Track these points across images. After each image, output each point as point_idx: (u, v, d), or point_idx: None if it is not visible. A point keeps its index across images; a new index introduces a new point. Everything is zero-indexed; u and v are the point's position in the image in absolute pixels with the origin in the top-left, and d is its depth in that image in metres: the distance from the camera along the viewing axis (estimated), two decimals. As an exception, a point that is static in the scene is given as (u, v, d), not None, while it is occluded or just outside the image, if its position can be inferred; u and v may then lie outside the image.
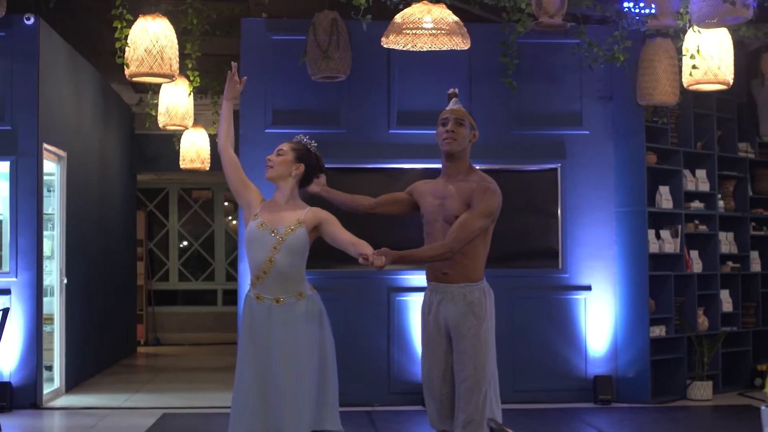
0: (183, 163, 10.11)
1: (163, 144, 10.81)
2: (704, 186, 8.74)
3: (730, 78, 6.62)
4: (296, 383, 4.16)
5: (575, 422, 7.42)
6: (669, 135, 8.46)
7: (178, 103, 8.78)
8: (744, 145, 9.23)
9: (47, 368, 8.31)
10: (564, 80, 8.31)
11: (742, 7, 5.29)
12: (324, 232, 4.29)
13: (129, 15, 6.77)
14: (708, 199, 8.79)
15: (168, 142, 10.40)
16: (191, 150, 10.06)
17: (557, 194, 8.25)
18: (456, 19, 5.98)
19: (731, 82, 6.69)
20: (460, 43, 6.00)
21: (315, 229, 4.29)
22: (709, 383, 8.32)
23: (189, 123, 9.01)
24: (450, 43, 6.01)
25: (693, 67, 6.51)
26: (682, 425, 7.45)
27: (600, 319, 8.23)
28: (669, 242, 8.37)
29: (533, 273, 8.22)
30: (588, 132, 8.32)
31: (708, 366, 8.39)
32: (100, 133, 10.28)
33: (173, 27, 6.79)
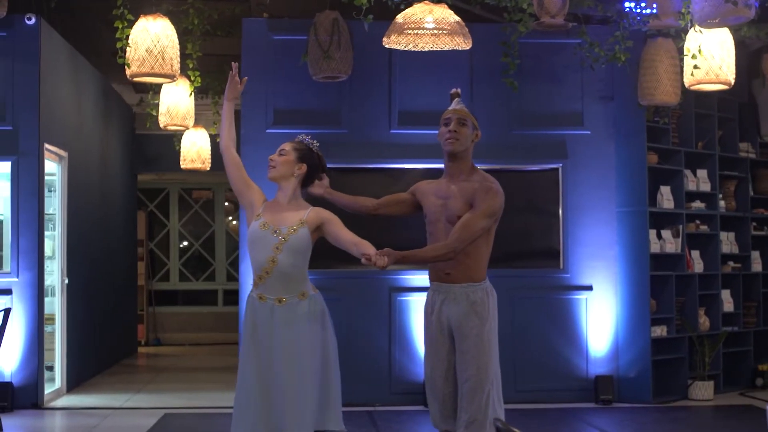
0: (184, 163, 10.11)
1: (164, 144, 10.80)
2: (705, 186, 8.74)
3: (731, 78, 6.62)
4: (299, 383, 4.15)
5: (576, 422, 7.42)
6: (670, 135, 8.46)
7: (179, 103, 8.78)
8: (745, 145, 9.24)
9: (48, 368, 8.31)
10: (565, 80, 8.31)
11: (744, 7, 5.29)
12: (326, 232, 4.28)
13: (130, 15, 6.77)
14: (709, 199, 8.79)
15: (169, 142, 10.40)
16: (192, 150, 10.05)
17: (558, 194, 8.24)
18: (457, 19, 5.98)
19: (733, 82, 6.69)
20: (462, 43, 6.00)
21: (317, 229, 4.28)
22: (711, 383, 8.32)
23: (190, 123, 9.01)
24: (452, 43, 6.01)
25: (694, 67, 6.51)
26: (683, 425, 7.45)
27: (601, 319, 8.23)
28: (670, 242, 8.37)
29: (534, 273, 8.21)
30: (589, 132, 8.31)
31: (709, 366, 8.39)
32: (100, 133, 10.28)
33: (174, 27, 6.79)
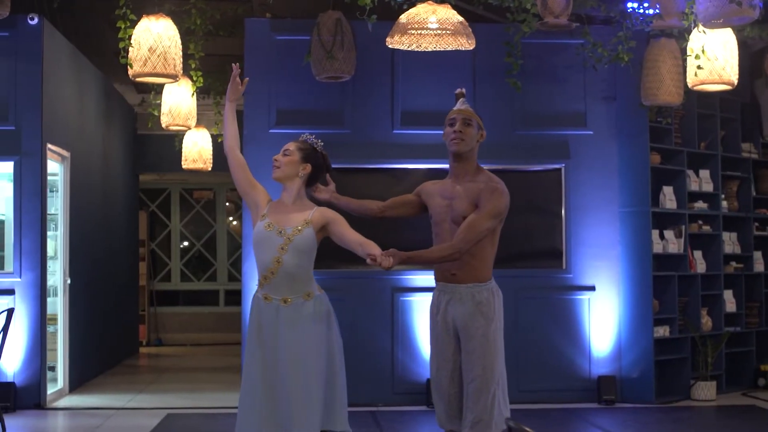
0: (185, 163, 10.11)
1: (166, 144, 10.80)
2: (708, 186, 8.74)
3: (734, 78, 6.63)
4: (304, 384, 4.14)
5: (579, 422, 7.42)
6: (673, 135, 8.46)
7: (181, 103, 8.78)
8: (747, 146, 9.24)
9: (50, 368, 8.30)
10: (568, 80, 8.31)
11: (748, 8, 5.30)
12: (331, 232, 4.27)
13: (133, 15, 6.78)
14: (711, 199, 8.79)
15: (170, 142, 10.39)
16: (193, 150, 10.05)
17: (561, 194, 8.24)
18: (461, 19, 5.98)
19: (736, 83, 6.70)
20: (465, 43, 6.00)
21: (322, 229, 4.27)
22: (713, 383, 8.32)
23: (192, 123, 9.01)
24: (455, 43, 6.01)
25: (698, 67, 6.51)
26: (686, 425, 7.45)
27: (604, 319, 8.22)
28: (673, 242, 8.37)
29: (537, 273, 8.21)
30: (592, 132, 8.31)
31: (712, 366, 8.39)
32: (102, 133, 10.28)
33: (176, 27, 6.79)
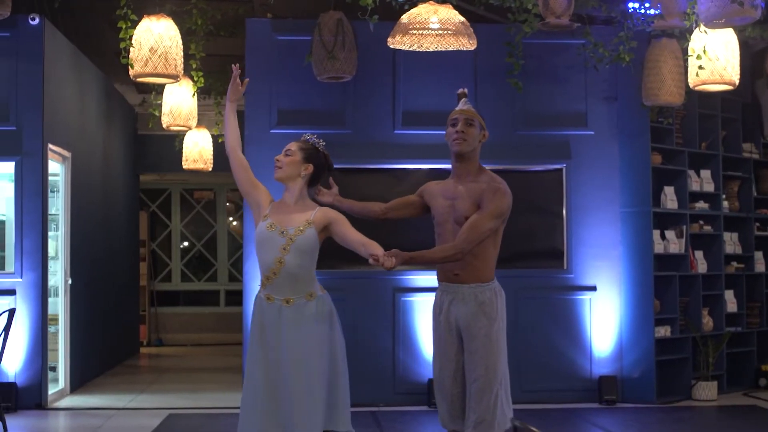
0: (186, 163, 10.10)
1: (166, 144, 10.80)
2: (709, 186, 8.74)
3: (736, 78, 6.63)
4: (306, 384, 4.14)
5: (580, 422, 7.41)
6: (674, 135, 8.46)
7: (182, 103, 8.78)
8: (748, 146, 9.24)
9: (51, 369, 8.30)
10: (569, 81, 8.30)
11: (750, 8, 5.31)
12: (334, 233, 4.27)
13: (134, 15, 6.78)
14: (712, 199, 8.79)
15: (171, 142, 10.39)
16: (194, 150, 10.05)
17: (562, 194, 8.24)
18: (462, 19, 5.98)
19: (737, 83, 6.70)
20: (467, 43, 6.00)
21: (325, 229, 4.27)
22: (714, 383, 8.32)
23: (193, 123, 9.02)
24: (456, 43, 6.01)
25: (699, 67, 6.51)
26: (687, 425, 7.45)
27: (605, 319, 8.22)
28: (674, 242, 8.37)
29: (538, 273, 8.21)
30: (593, 132, 8.31)
31: (713, 366, 8.39)
32: (103, 133, 10.28)
33: (177, 27, 6.79)
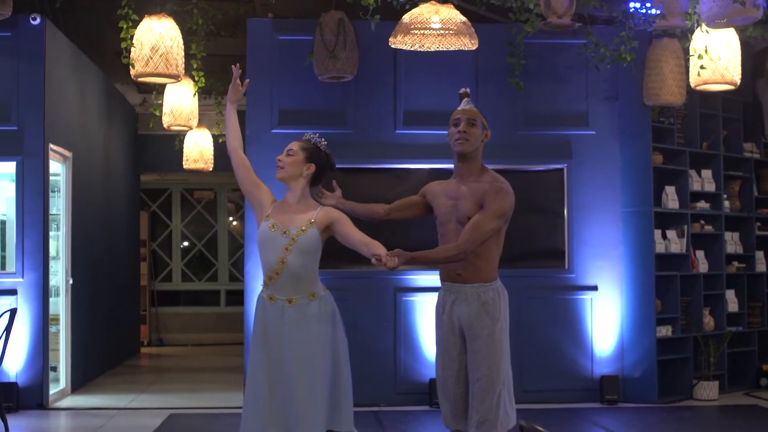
0: (186, 163, 10.10)
1: (167, 144, 10.79)
2: (710, 186, 8.74)
3: (737, 78, 6.63)
4: (309, 384, 4.14)
5: (582, 422, 7.41)
6: (675, 135, 8.45)
7: (183, 103, 8.78)
8: (749, 145, 9.24)
9: (52, 369, 8.29)
10: (570, 80, 8.30)
11: (752, 8, 5.30)
12: (336, 232, 4.27)
13: (135, 15, 6.78)
14: (714, 199, 8.79)
15: (171, 142, 10.38)
16: (194, 150, 10.05)
17: (563, 194, 8.24)
18: (464, 19, 5.97)
19: (738, 83, 6.70)
20: (468, 43, 6.00)
21: (327, 228, 4.27)
22: (715, 383, 8.32)
23: (194, 123, 9.02)
24: (458, 43, 6.01)
25: (701, 67, 6.51)
26: (688, 425, 7.45)
27: (606, 319, 8.22)
28: (675, 242, 8.37)
29: (539, 273, 8.20)
30: (594, 132, 8.31)
31: (714, 366, 8.39)
32: (104, 133, 10.27)
33: (178, 27, 6.78)
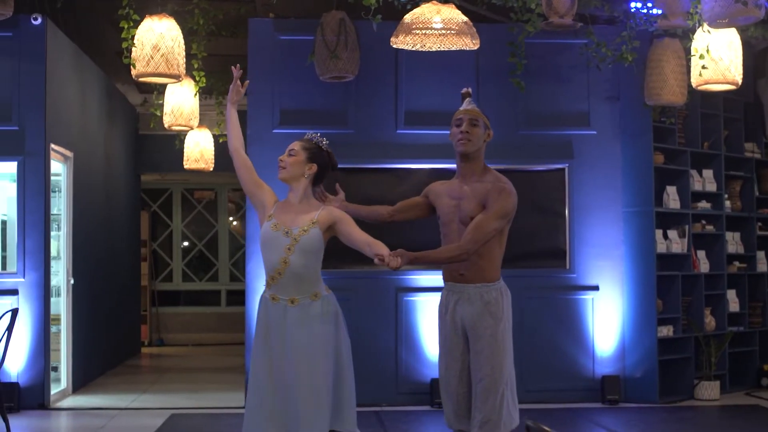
0: (187, 163, 10.09)
1: (167, 144, 10.79)
2: (711, 186, 8.74)
3: (739, 78, 6.63)
4: (311, 384, 4.13)
5: (583, 422, 7.41)
6: (676, 135, 8.45)
7: (184, 103, 8.77)
8: (750, 145, 9.23)
9: (53, 369, 8.28)
10: (571, 80, 8.30)
11: (754, 7, 5.30)
12: (339, 232, 4.26)
13: (136, 15, 6.77)
14: (715, 199, 8.79)
15: (172, 142, 10.38)
16: (195, 150, 10.04)
17: (565, 194, 8.24)
18: (465, 19, 5.97)
19: (740, 82, 6.69)
20: (470, 43, 5.99)
21: (329, 228, 4.26)
22: (717, 383, 8.32)
23: (194, 123, 9.01)
24: (459, 43, 6.01)
25: (703, 67, 6.51)
26: (689, 425, 7.45)
27: (607, 319, 8.22)
28: (676, 242, 8.37)
29: (541, 273, 8.20)
30: (595, 132, 8.31)
31: (715, 366, 8.39)
32: (105, 133, 10.27)
33: (179, 27, 6.78)
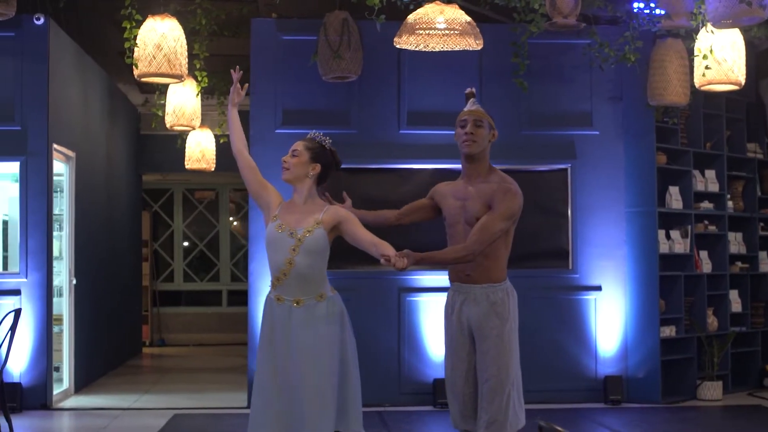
0: (188, 163, 10.08)
1: (169, 144, 10.78)
2: (713, 186, 8.74)
3: (742, 79, 6.62)
4: (317, 385, 4.13)
5: (586, 422, 7.41)
6: (679, 135, 8.45)
7: (186, 103, 8.76)
8: (753, 146, 9.23)
9: (55, 369, 8.27)
10: (574, 81, 8.30)
11: (758, 8, 5.29)
12: (344, 231, 4.26)
13: (138, 15, 6.77)
14: (717, 199, 8.79)
15: (173, 142, 10.37)
16: (196, 150, 10.03)
17: (567, 194, 8.24)
18: (469, 19, 5.97)
19: (743, 83, 6.69)
20: (473, 43, 5.99)
21: (334, 228, 4.26)
22: (719, 383, 8.32)
23: (196, 123, 9.00)
24: (463, 43, 6.00)
25: (706, 67, 6.51)
26: (692, 425, 7.45)
27: (610, 319, 8.22)
28: (679, 242, 8.37)
29: (543, 273, 8.20)
30: (598, 132, 8.31)
31: (718, 366, 8.38)
32: (106, 133, 10.26)
33: (182, 27, 6.77)
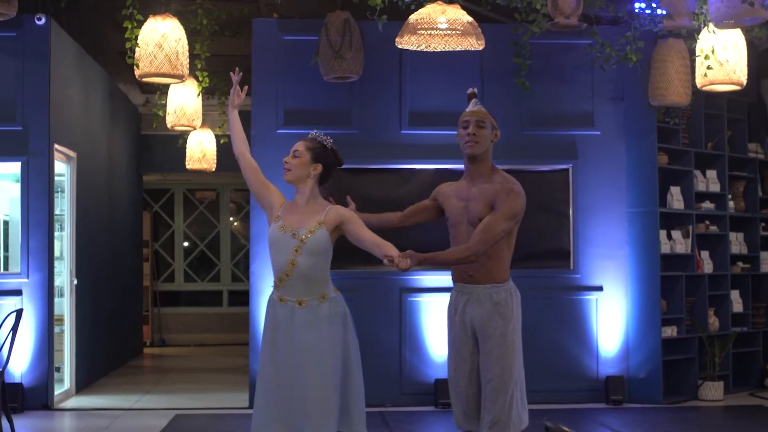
0: (189, 163, 10.07)
1: (169, 145, 10.78)
2: (715, 186, 8.73)
3: (743, 79, 6.62)
4: (319, 386, 4.12)
5: (587, 422, 7.40)
6: (680, 135, 8.45)
7: (187, 103, 8.76)
8: (754, 146, 9.23)
9: (56, 369, 8.27)
10: (576, 81, 8.30)
11: (760, 8, 5.29)
12: (347, 231, 4.25)
13: (139, 15, 6.77)
14: (718, 199, 8.79)
15: (174, 142, 10.37)
16: (197, 150, 10.02)
17: (569, 195, 8.24)
18: (470, 19, 5.97)
19: (745, 83, 6.69)
20: (475, 43, 5.99)
21: (337, 228, 4.25)
22: (720, 383, 8.32)
23: (197, 123, 9.00)
24: (464, 43, 6.00)
25: (708, 68, 6.51)
26: (693, 425, 7.45)
27: (611, 319, 8.22)
28: (680, 243, 8.37)
29: (545, 273, 8.19)
30: (599, 132, 8.30)
31: (719, 366, 8.38)
32: (107, 133, 10.26)
33: (183, 27, 6.77)
